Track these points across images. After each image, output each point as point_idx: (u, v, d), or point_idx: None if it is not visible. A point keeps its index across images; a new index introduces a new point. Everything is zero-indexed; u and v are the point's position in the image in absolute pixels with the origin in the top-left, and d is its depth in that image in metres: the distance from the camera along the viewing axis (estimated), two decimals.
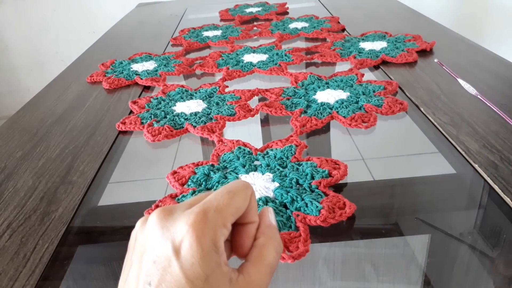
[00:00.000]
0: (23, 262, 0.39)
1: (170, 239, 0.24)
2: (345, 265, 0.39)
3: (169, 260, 0.23)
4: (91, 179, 0.52)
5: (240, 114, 0.61)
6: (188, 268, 0.23)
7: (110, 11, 2.18)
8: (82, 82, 0.85)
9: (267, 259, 0.26)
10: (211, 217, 0.24)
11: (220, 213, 0.24)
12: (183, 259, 0.23)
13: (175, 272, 0.23)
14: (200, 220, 0.24)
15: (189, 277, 0.23)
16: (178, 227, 0.24)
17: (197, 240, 0.23)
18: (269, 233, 0.27)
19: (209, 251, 0.23)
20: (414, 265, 0.39)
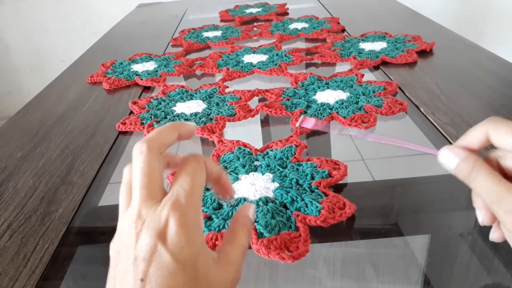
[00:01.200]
0: (24, 262, 0.39)
1: (151, 227, 0.25)
2: (345, 265, 0.39)
3: (155, 248, 0.24)
4: (91, 180, 0.52)
5: (240, 115, 0.61)
6: (178, 251, 0.24)
7: (110, 12, 2.18)
8: (82, 82, 0.85)
9: (241, 240, 0.29)
10: (186, 202, 0.25)
11: (191, 196, 0.26)
12: (171, 244, 0.24)
13: (164, 258, 0.24)
14: (178, 207, 0.25)
15: (179, 261, 0.24)
16: (157, 215, 0.25)
17: (182, 224, 0.24)
18: (244, 221, 0.31)
19: (194, 231, 0.25)
20: (414, 265, 0.39)
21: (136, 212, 0.26)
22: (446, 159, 0.28)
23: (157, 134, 0.28)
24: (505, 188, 0.25)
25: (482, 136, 0.27)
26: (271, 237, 0.37)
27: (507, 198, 0.25)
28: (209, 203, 0.42)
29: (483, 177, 0.26)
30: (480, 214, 0.28)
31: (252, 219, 0.32)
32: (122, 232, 0.27)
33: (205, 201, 0.43)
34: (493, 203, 0.26)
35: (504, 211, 0.25)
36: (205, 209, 0.42)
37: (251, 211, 0.32)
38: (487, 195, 0.26)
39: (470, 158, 0.27)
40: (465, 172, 0.27)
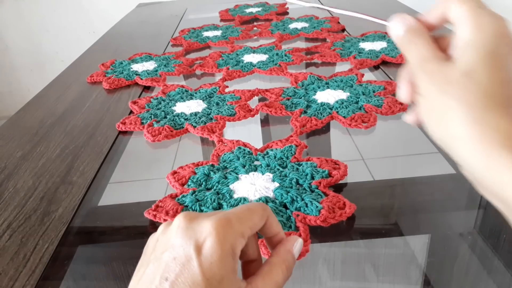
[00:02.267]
0: (23, 262, 0.39)
1: (193, 238, 0.25)
2: (345, 265, 0.39)
3: (190, 257, 0.25)
4: (91, 179, 0.52)
5: (240, 114, 0.61)
6: (206, 266, 0.24)
7: (110, 11, 2.18)
8: (82, 82, 0.85)
9: (276, 277, 0.27)
10: (234, 225, 0.26)
11: (241, 223, 0.27)
12: (203, 258, 0.25)
13: (194, 269, 0.24)
14: (224, 225, 0.26)
15: (205, 275, 0.24)
16: (203, 228, 0.26)
17: (219, 242, 0.25)
18: (284, 256, 0.29)
19: (228, 254, 0.25)
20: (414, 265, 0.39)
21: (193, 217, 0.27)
22: (396, 25, 0.29)
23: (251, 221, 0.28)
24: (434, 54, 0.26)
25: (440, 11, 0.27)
26: None
27: (432, 61, 0.25)
28: (209, 203, 0.42)
29: (419, 43, 0.27)
30: (402, 88, 0.29)
31: (296, 255, 0.30)
32: (172, 227, 0.27)
33: (205, 201, 0.43)
34: (417, 66, 0.26)
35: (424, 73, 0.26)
36: (205, 209, 0.42)
37: (297, 247, 0.30)
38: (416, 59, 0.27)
39: (415, 26, 0.28)
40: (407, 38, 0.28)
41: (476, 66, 0.24)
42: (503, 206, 0.23)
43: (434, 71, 0.25)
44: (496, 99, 0.23)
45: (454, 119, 0.24)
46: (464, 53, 0.24)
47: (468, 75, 0.24)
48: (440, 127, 0.25)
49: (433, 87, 0.25)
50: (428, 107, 0.26)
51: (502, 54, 0.24)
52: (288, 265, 0.29)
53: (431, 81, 0.25)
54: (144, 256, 0.28)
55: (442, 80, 0.24)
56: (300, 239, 0.31)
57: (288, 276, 0.28)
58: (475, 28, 0.24)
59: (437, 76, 0.25)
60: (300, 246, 0.31)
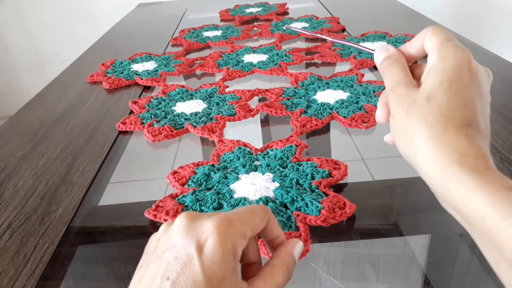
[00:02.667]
0: (24, 262, 0.39)
1: (195, 237, 0.26)
2: (345, 265, 0.39)
3: (191, 256, 0.25)
4: (91, 179, 0.52)
5: (240, 114, 0.61)
6: (208, 266, 0.24)
7: (110, 11, 2.18)
8: (82, 82, 0.85)
9: (277, 278, 0.28)
10: (235, 225, 0.26)
11: (243, 223, 0.27)
12: (205, 257, 0.25)
13: (195, 268, 0.24)
14: (225, 225, 0.26)
15: (207, 275, 0.24)
16: (204, 227, 0.26)
17: (220, 242, 0.25)
18: (285, 258, 0.29)
19: (229, 254, 0.25)
20: (414, 265, 0.39)
21: (194, 216, 0.27)
22: (379, 53, 0.32)
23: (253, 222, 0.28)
24: (407, 79, 0.29)
25: (420, 42, 0.30)
26: None
27: (403, 86, 0.28)
28: (209, 203, 0.42)
29: (394, 70, 0.30)
30: (379, 109, 0.31)
31: (296, 258, 0.30)
32: (174, 227, 0.27)
33: (205, 201, 0.43)
34: (390, 90, 0.29)
35: (395, 96, 0.29)
36: (205, 209, 0.42)
37: (297, 249, 0.30)
38: (390, 84, 0.29)
39: (394, 54, 0.31)
40: (385, 64, 0.31)
41: (437, 90, 0.26)
42: (461, 218, 0.25)
43: (403, 95, 0.28)
44: (454, 120, 0.25)
45: (417, 139, 0.26)
46: (428, 79, 0.27)
47: (430, 99, 0.26)
48: (406, 146, 0.28)
49: (401, 109, 0.28)
50: (397, 127, 0.28)
51: (461, 81, 0.26)
52: (288, 266, 0.29)
53: (399, 104, 0.28)
54: (145, 255, 0.28)
55: (408, 103, 0.27)
56: (301, 242, 0.31)
57: (289, 278, 0.29)
58: (441, 58, 0.27)
59: (405, 100, 0.28)
60: (300, 249, 0.31)
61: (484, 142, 0.25)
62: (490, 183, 0.22)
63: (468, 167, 0.23)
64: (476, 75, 0.27)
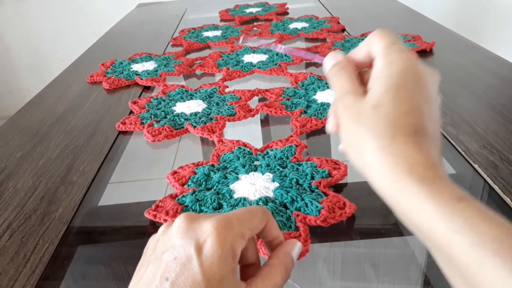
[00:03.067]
0: (23, 262, 0.39)
1: (194, 238, 0.26)
2: (345, 265, 0.39)
3: (190, 257, 0.25)
4: (91, 179, 0.52)
5: (240, 114, 0.61)
6: (207, 266, 0.25)
7: (110, 11, 2.18)
8: (82, 82, 0.85)
9: (275, 279, 0.28)
10: (234, 225, 0.26)
11: (241, 224, 0.27)
12: (204, 258, 0.25)
13: (194, 269, 0.24)
14: (225, 225, 0.26)
15: (206, 275, 0.24)
16: (203, 228, 0.26)
17: (219, 242, 0.25)
18: (283, 258, 0.29)
19: (228, 255, 0.25)
20: (414, 265, 0.39)
21: (193, 217, 0.27)
22: (327, 62, 0.31)
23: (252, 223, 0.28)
24: (354, 88, 0.28)
25: (367, 48, 0.29)
26: None
27: (350, 95, 0.28)
28: (209, 203, 0.42)
29: (342, 77, 0.29)
30: (329, 119, 0.30)
31: (294, 258, 0.30)
32: (174, 228, 0.27)
33: (205, 201, 0.43)
34: (338, 99, 0.29)
35: (342, 105, 0.28)
36: (205, 209, 0.42)
37: (295, 249, 0.31)
38: (338, 92, 0.29)
39: (342, 62, 0.30)
40: (333, 72, 0.30)
41: (383, 98, 0.25)
42: (414, 229, 0.24)
43: (350, 104, 0.27)
44: (402, 128, 0.24)
45: (366, 148, 0.25)
46: (373, 86, 0.26)
47: (377, 107, 0.25)
48: (356, 155, 0.27)
49: (349, 118, 0.27)
50: (346, 137, 0.28)
51: (407, 85, 0.25)
52: (287, 267, 0.29)
53: (347, 113, 0.27)
54: (144, 256, 0.29)
55: (355, 112, 0.26)
56: (299, 242, 0.31)
57: (287, 278, 0.29)
58: (387, 63, 0.27)
59: (352, 109, 0.27)
60: (299, 249, 0.31)
61: (433, 148, 0.25)
62: (439, 194, 0.22)
63: (418, 177, 0.23)
64: (421, 78, 0.26)
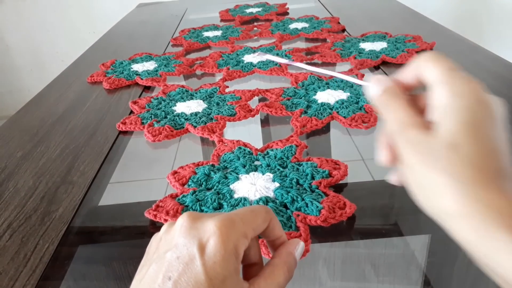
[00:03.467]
0: (24, 262, 0.39)
1: (197, 237, 0.26)
2: (345, 265, 0.39)
3: (193, 256, 0.25)
4: (92, 179, 0.52)
5: (240, 114, 0.61)
6: (209, 266, 0.24)
7: (110, 11, 2.18)
8: (83, 82, 0.85)
9: (278, 278, 0.28)
10: (237, 225, 0.26)
11: (245, 223, 0.27)
12: (207, 257, 0.25)
13: (197, 269, 0.24)
14: (227, 225, 0.26)
15: (208, 275, 0.24)
16: (206, 227, 0.26)
17: (222, 242, 0.25)
18: (286, 258, 0.29)
19: (231, 254, 0.25)
20: (414, 265, 0.39)
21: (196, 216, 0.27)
22: (372, 88, 0.28)
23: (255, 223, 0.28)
24: (414, 120, 0.25)
25: (415, 70, 0.26)
26: None
27: (412, 129, 0.24)
28: (209, 203, 0.42)
29: (396, 107, 0.26)
30: (381, 153, 0.27)
31: (297, 257, 0.30)
32: (176, 227, 0.27)
33: (205, 201, 0.43)
34: (397, 133, 0.25)
35: (405, 142, 0.24)
36: (205, 209, 0.42)
37: (298, 249, 0.30)
38: (394, 124, 0.25)
39: (392, 88, 0.27)
40: (383, 100, 0.27)
41: (460, 137, 0.22)
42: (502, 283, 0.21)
43: (416, 141, 0.24)
44: (485, 172, 0.22)
45: (444, 195, 0.22)
46: (444, 121, 0.23)
47: (453, 147, 0.22)
48: (429, 201, 0.24)
49: (417, 158, 0.24)
50: (414, 179, 0.25)
51: (483, 122, 0.23)
52: (289, 266, 0.29)
53: (413, 152, 0.24)
54: (146, 255, 0.28)
55: (425, 151, 0.23)
56: (302, 242, 0.31)
57: (290, 278, 0.29)
58: (451, 94, 0.24)
59: (420, 147, 0.24)
60: (301, 249, 0.31)
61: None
62: None
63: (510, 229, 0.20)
64: (492, 110, 0.23)
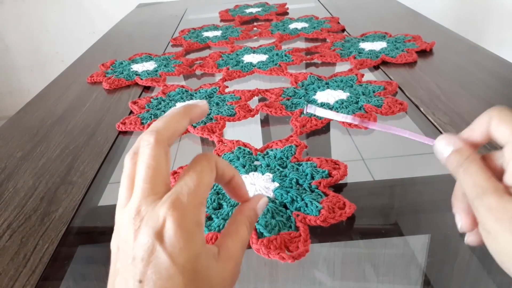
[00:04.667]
0: (23, 262, 0.39)
1: (149, 226, 0.24)
2: (345, 265, 0.39)
3: (153, 248, 0.23)
4: (91, 179, 0.52)
5: (240, 115, 0.61)
6: (176, 253, 0.23)
7: (110, 12, 2.18)
8: (82, 82, 0.85)
9: (242, 234, 0.28)
10: (188, 200, 0.24)
11: (194, 194, 0.25)
12: (169, 245, 0.23)
13: (162, 259, 0.23)
14: (178, 206, 0.24)
15: (178, 262, 0.23)
16: (156, 213, 0.24)
17: (181, 225, 0.23)
18: (247, 213, 0.30)
19: (194, 232, 0.24)
20: (414, 265, 0.39)
21: (136, 207, 0.25)
22: (440, 148, 0.27)
23: (167, 123, 0.27)
24: (492, 184, 0.24)
25: (483, 127, 0.25)
26: (271, 237, 0.37)
27: (492, 195, 0.23)
28: (209, 203, 0.42)
29: (472, 171, 0.25)
30: (459, 219, 0.27)
31: (259, 212, 0.30)
32: (121, 228, 0.25)
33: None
34: (475, 199, 0.24)
35: (485, 208, 0.24)
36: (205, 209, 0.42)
37: (260, 204, 0.31)
38: (472, 190, 0.24)
39: (464, 149, 0.26)
40: (455, 163, 0.26)
41: None
42: None
43: (497, 208, 0.23)
44: None
45: None
46: None
47: None
48: None
49: (501, 226, 0.23)
50: (499, 247, 0.24)
51: None
52: (251, 221, 0.30)
53: (496, 219, 0.23)
54: (111, 266, 0.26)
55: (507, 219, 0.22)
56: (265, 197, 0.32)
57: (251, 232, 0.30)
58: None
59: (503, 214, 0.23)
60: (264, 203, 0.31)
61: None
62: None
63: None
64: None
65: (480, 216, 0.24)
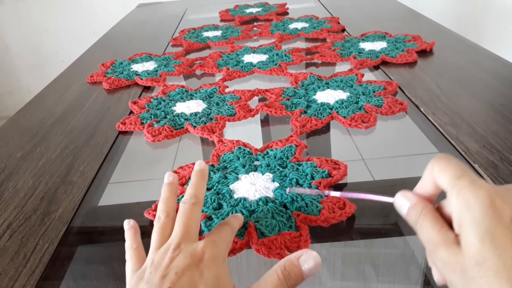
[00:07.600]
0: (23, 262, 0.39)
1: (188, 252, 0.30)
2: (345, 265, 0.39)
3: (189, 266, 0.29)
4: (91, 179, 0.52)
5: (240, 114, 0.61)
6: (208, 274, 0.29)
7: (110, 12, 2.18)
8: (82, 82, 0.85)
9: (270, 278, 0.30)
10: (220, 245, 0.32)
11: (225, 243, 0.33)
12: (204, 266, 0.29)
13: (197, 274, 0.29)
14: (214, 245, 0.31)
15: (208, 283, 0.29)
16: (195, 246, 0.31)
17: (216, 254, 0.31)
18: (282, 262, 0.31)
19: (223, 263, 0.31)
20: (414, 265, 0.39)
21: (176, 243, 0.30)
22: (399, 205, 0.28)
23: (202, 188, 0.36)
24: (442, 237, 0.24)
25: (430, 178, 0.26)
26: (271, 237, 0.37)
27: (442, 249, 0.24)
28: (209, 203, 0.42)
29: (425, 225, 0.25)
30: (435, 273, 0.27)
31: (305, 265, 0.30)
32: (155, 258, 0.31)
33: (206, 201, 0.43)
34: (430, 254, 0.25)
35: (440, 263, 0.24)
36: (205, 209, 0.42)
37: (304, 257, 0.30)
38: (427, 245, 0.25)
39: (418, 204, 0.27)
40: (413, 219, 0.26)
41: (482, 252, 0.23)
42: None
43: (447, 261, 0.24)
44: None
45: None
46: (463, 236, 0.24)
47: (481, 265, 0.23)
48: None
49: (455, 277, 0.24)
50: None
51: (498, 229, 0.23)
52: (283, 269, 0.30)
53: (450, 272, 0.24)
54: None
55: (459, 271, 0.24)
56: (313, 252, 0.31)
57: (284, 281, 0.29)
58: (460, 206, 0.24)
59: (453, 267, 0.24)
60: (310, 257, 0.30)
61: None
62: None
63: None
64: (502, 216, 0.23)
65: (439, 270, 0.25)
